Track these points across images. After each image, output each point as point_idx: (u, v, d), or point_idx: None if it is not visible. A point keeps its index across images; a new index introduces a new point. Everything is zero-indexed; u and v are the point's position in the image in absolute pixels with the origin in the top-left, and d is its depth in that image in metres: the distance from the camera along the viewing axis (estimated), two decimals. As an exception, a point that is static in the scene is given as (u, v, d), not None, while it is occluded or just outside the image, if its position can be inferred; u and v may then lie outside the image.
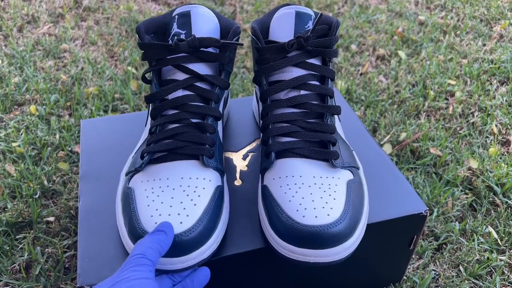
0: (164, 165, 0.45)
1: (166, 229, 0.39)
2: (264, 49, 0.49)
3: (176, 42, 0.47)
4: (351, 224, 0.41)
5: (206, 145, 0.46)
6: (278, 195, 0.44)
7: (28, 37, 1.11)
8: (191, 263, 0.41)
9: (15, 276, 0.60)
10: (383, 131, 0.84)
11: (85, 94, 0.91)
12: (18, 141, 0.79)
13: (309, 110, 0.47)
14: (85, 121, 0.63)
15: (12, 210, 0.67)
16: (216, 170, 0.47)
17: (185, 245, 0.40)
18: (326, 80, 0.49)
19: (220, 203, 0.45)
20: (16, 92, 0.92)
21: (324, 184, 0.44)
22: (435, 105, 0.91)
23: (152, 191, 0.43)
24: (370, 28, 1.18)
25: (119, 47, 1.08)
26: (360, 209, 0.44)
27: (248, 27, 1.17)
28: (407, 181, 0.53)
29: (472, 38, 1.14)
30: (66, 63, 1.02)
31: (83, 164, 0.56)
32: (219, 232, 0.44)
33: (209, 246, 0.42)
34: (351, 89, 0.95)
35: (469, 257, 0.63)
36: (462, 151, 0.80)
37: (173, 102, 0.47)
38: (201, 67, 0.49)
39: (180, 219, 0.40)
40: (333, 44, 0.48)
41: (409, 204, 0.50)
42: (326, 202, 0.42)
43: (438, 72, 1.01)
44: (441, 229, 0.67)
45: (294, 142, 0.46)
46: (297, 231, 0.40)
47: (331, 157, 0.45)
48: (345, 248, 0.41)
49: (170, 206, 0.42)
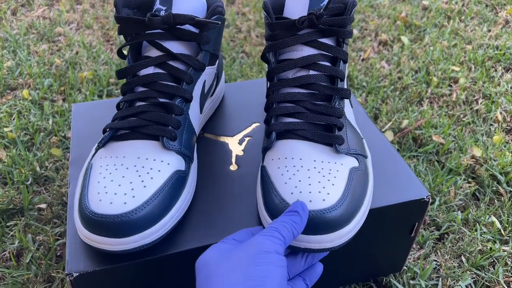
0: (124, 143, 0.44)
1: (300, 209, 0.38)
2: (274, 25, 0.47)
3: (149, 17, 0.45)
4: (348, 212, 0.40)
5: (169, 126, 0.44)
6: (275, 176, 0.42)
7: (22, 20, 1.09)
8: (131, 246, 0.39)
9: (6, 264, 0.58)
10: (385, 118, 0.82)
11: (80, 78, 0.89)
12: (10, 126, 0.77)
13: (316, 91, 0.45)
14: (77, 105, 0.61)
15: (3, 197, 0.65)
16: (179, 154, 0.45)
17: (124, 227, 0.38)
18: (338, 62, 0.46)
19: (177, 188, 0.43)
20: (9, 76, 0.89)
21: (325, 169, 0.42)
22: (438, 92, 0.89)
23: (106, 168, 0.42)
24: (372, 13, 1.15)
25: (114, 31, 1.05)
26: (361, 198, 0.42)
27: (247, 10, 1.15)
28: (408, 167, 0.51)
29: (477, 24, 1.11)
30: (61, 47, 1.00)
31: (74, 149, 0.54)
32: (170, 219, 0.42)
33: (154, 231, 0.40)
34: (352, 75, 0.92)
35: (471, 247, 0.61)
36: (465, 139, 0.78)
37: (143, 79, 0.45)
38: (177, 45, 0.47)
39: (125, 199, 0.39)
40: (347, 23, 0.46)
41: (411, 190, 0.49)
42: (323, 187, 0.40)
43: (441, 58, 0.98)
44: (443, 218, 0.65)
45: (298, 124, 0.44)
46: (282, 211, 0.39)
47: (336, 141, 0.43)
48: (339, 235, 0.39)
49: (119, 185, 0.40)
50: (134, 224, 0.38)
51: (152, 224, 0.40)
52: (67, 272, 0.40)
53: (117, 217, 0.38)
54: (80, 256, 0.41)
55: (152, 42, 0.47)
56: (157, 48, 0.46)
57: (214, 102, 0.60)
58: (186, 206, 0.45)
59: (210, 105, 0.58)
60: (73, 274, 0.40)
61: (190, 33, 0.47)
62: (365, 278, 0.57)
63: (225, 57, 0.98)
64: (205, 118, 0.58)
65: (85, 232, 0.39)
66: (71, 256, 0.41)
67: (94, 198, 0.39)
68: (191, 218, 0.45)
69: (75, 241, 0.43)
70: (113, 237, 0.38)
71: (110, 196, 0.39)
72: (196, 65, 0.47)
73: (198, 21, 0.45)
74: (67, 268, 0.41)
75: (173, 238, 0.43)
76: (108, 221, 0.38)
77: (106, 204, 0.39)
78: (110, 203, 0.38)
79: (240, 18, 1.12)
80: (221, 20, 0.50)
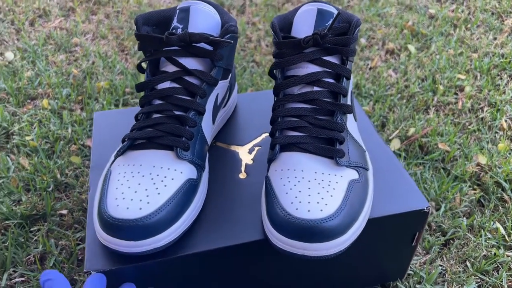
0: (141, 152, 0.47)
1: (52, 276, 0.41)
2: (281, 44, 0.49)
3: (167, 35, 0.48)
4: (345, 222, 0.42)
5: (182, 137, 0.47)
6: (277, 186, 0.45)
7: (40, 31, 1.12)
8: (145, 248, 0.42)
9: (30, 267, 0.62)
10: (392, 126, 0.84)
11: (96, 88, 0.92)
12: (32, 135, 0.81)
13: (319, 107, 0.48)
14: (98, 113, 0.65)
15: (27, 203, 0.69)
16: (191, 163, 0.48)
17: (139, 230, 0.41)
18: (341, 79, 0.49)
19: (189, 196, 0.46)
20: (29, 86, 0.93)
21: (325, 180, 0.44)
22: (444, 100, 0.91)
23: (124, 175, 0.45)
24: (379, 22, 1.18)
25: (129, 41, 1.09)
26: (359, 209, 0.44)
27: (257, 20, 1.18)
28: (410, 178, 0.53)
29: (483, 32, 1.13)
30: (77, 57, 1.03)
31: (94, 155, 0.57)
32: (181, 224, 0.45)
33: (167, 236, 0.43)
34: (360, 84, 0.95)
35: (476, 252, 0.63)
36: (471, 146, 0.80)
37: (160, 92, 0.49)
38: (192, 61, 0.50)
39: (140, 205, 0.42)
40: (350, 42, 0.48)
41: (411, 200, 0.50)
42: (322, 198, 0.42)
43: (447, 66, 1.00)
44: (448, 224, 0.67)
45: (301, 137, 0.47)
46: (289, 222, 0.41)
47: (336, 155, 0.46)
48: (336, 244, 0.41)
49: (135, 191, 0.43)
50: (148, 229, 0.42)
51: (165, 228, 0.43)
52: (85, 270, 0.44)
53: (133, 221, 0.41)
54: (98, 256, 0.45)
55: (169, 58, 0.50)
56: (174, 64, 0.50)
57: (227, 113, 0.63)
58: (197, 212, 0.48)
59: (222, 115, 0.61)
60: (91, 272, 0.44)
61: (205, 51, 0.50)
62: (370, 284, 0.59)
63: (236, 66, 1.01)
64: (218, 128, 0.61)
65: (103, 234, 0.42)
66: (90, 255, 0.45)
67: (112, 203, 0.42)
68: (200, 223, 0.48)
69: (94, 242, 0.46)
70: (129, 240, 0.41)
71: (127, 201, 0.42)
72: (209, 81, 0.50)
73: (212, 40, 0.49)
74: (86, 266, 0.44)
75: (183, 242, 0.46)
76: (125, 225, 0.41)
77: (123, 209, 0.42)
78: (127, 208, 0.42)
79: (250, 28, 1.15)
80: (233, 39, 0.53)
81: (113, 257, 0.45)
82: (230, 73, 0.58)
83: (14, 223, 0.66)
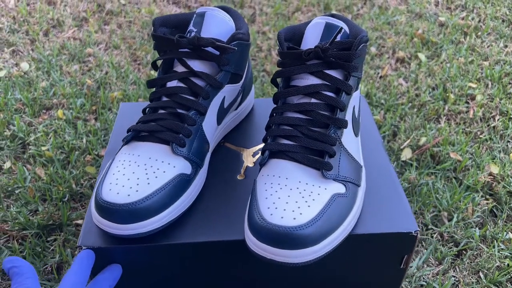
0: (142, 144, 0.50)
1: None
2: (284, 54, 0.51)
3: (177, 38, 0.51)
4: (318, 233, 0.42)
5: (180, 134, 0.50)
6: (260, 190, 0.46)
7: (54, 41, 1.14)
8: (129, 232, 0.46)
9: (47, 276, 0.63)
10: (403, 135, 0.85)
11: (110, 98, 0.94)
12: (47, 145, 0.82)
13: (314, 118, 0.49)
14: (124, 104, 0.69)
15: (43, 213, 0.70)
16: (186, 160, 0.50)
17: (125, 215, 0.45)
18: (341, 93, 0.49)
19: (179, 189, 0.49)
20: (44, 96, 0.95)
21: (307, 190, 0.45)
22: (455, 109, 0.91)
23: (122, 163, 0.49)
24: (389, 30, 1.18)
25: (141, 51, 1.10)
26: (338, 223, 0.45)
27: (267, 29, 1.19)
28: (406, 199, 0.52)
29: (494, 40, 1.13)
30: (91, 67, 1.05)
31: (111, 142, 0.61)
32: (167, 215, 0.47)
33: (150, 223, 0.46)
34: (370, 93, 0.95)
35: (489, 263, 0.63)
36: (482, 156, 0.80)
37: (167, 90, 0.52)
38: (199, 64, 0.53)
39: (129, 192, 0.45)
40: (352, 58, 0.49)
41: (401, 222, 0.50)
42: (298, 207, 0.43)
43: (458, 75, 1.01)
44: (461, 235, 0.67)
45: (291, 146, 0.48)
46: (262, 227, 0.42)
47: (323, 167, 0.46)
48: (306, 253, 0.42)
49: (128, 179, 0.47)
50: (133, 214, 0.45)
51: (149, 216, 0.46)
52: (78, 244, 0.48)
53: (120, 206, 0.44)
54: (92, 234, 0.49)
55: (179, 59, 0.53)
56: (183, 65, 0.53)
57: (239, 116, 0.65)
58: (187, 205, 0.51)
59: (234, 118, 0.63)
60: (82, 247, 0.48)
61: (212, 55, 0.53)
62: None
63: (247, 75, 1.02)
64: (227, 129, 0.63)
65: (95, 214, 0.46)
66: (84, 232, 0.49)
67: (106, 187, 0.46)
68: (189, 217, 0.51)
69: (90, 222, 0.49)
70: (116, 222, 0.45)
71: (119, 187, 0.46)
72: (213, 83, 0.53)
73: (218, 45, 0.51)
74: (79, 242, 0.48)
75: (171, 232, 0.49)
76: (113, 208, 0.45)
77: (114, 193, 0.45)
78: (117, 193, 0.45)
79: (260, 37, 1.16)
80: (241, 46, 0.55)
81: (104, 237, 0.48)
82: (241, 78, 0.60)
83: (31, 233, 0.67)
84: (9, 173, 0.78)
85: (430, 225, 0.69)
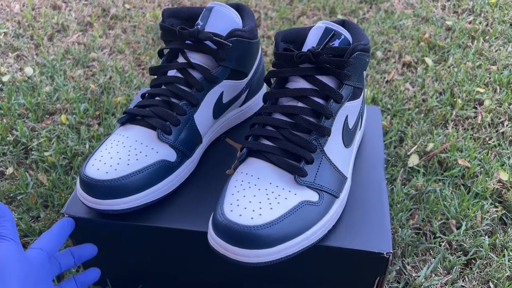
0: (133, 127, 0.52)
1: None
2: (278, 55, 0.51)
3: (179, 30, 0.53)
4: (274, 237, 0.41)
5: (167, 122, 0.52)
6: (230, 186, 0.46)
7: (58, 46, 1.14)
8: (103, 207, 0.48)
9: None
10: (410, 141, 0.83)
11: (114, 103, 0.93)
12: (50, 151, 0.82)
13: (298, 123, 0.48)
14: (144, 90, 0.70)
15: (45, 220, 0.69)
16: (172, 147, 0.52)
17: (101, 191, 0.47)
18: (329, 100, 0.49)
19: (159, 175, 0.50)
20: (47, 101, 0.94)
21: (274, 193, 0.44)
22: (463, 114, 0.90)
23: (111, 143, 0.51)
24: (396, 34, 1.17)
25: (145, 56, 1.10)
26: (299, 231, 0.43)
27: (272, 34, 1.18)
28: (389, 219, 0.50)
29: (502, 44, 1.12)
30: (95, 72, 1.05)
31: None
32: (142, 197, 0.49)
33: (123, 202, 0.48)
34: (377, 98, 0.94)
35: (499, 273, 0.62)
36: (491, 162, 0.79)
37: (166, 78, 0.54)
38: (199, 57, 0.54)
39: (108, 169, 0.48)
40: (345, 66, 0.48)
41: (376, 242, 0.48)
42: (260, 208, 0.43)
43: (466, 79, 0.99)
44: (470, 243, 0.66)
45: (270, 147, 0.47)
46: (219, 221, 0.42)
47: (296, 172, 0.46)
48: (257, 254, 0.41)
49: (111, 158, 0.49)
50: (108, 191, 0.47)
51: (123, 195, 0.48)
52: (62, 212, 0.51)
53: (96, 181, 0.47)
54: (76, 205, 0.52)
55: (180, 50, 0.55)
56: (183, 56, 0.55)
57: (244, 113, 0.65)
58: (166, 192, 0.52)
59: (237, 114, 0.64)
60: (64, 214, 0.51)
61: (210, 49, 0.54)
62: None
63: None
64: (230, 124, 0.63)
65: (78, 188, 0.49)
66: (70, 203, 0.52)
67: (90, 163, 0.49)
68: (170, 203, 0.52)
69: (76, 195, 0.52)
70: (92, 197, 0.47)
71: (100, 164, 0.48)
72: (207, 77, 0.54)
73: (214, 40, 0.52)
74: (63, 210, 0.51)
75: (146, 214, 0.51)
76: (90, 183, 0.47)
77: (95, 170, 0.48)
78: (97, 169, 0.48)
79: (265, 42, 1.15)
80: (239, 43, 0.55)
81: (87, 210, 0.51)
82: (246, 76, 0.60)
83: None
84: (11, 178, 0.77)
85: (438, 233, 0.67)
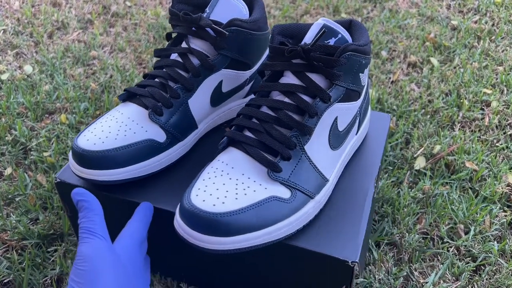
0: (130, 104, 0.54)
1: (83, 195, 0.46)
2: (272, 48, 0.50)
3: (182, 15, 0.54)
4: (232, 226, 0.41)
5: (159, 103, 0.53)
6: (203, 172, 0.47)
7: (58, 43, 1.12)
8: (87, 176, 0.50)
9: (47, 289, 0.60)
10: (416, 143, 0.82)
11: (114, 102, 0.91)
12: (49, 151, 0.80)
13: (281, 118, 0.48)
14: None
15: (44, 222, 0.68)
16: (162, 129, 0.53)
17: (85, 160, 0.49)
18: (316, 99, 0.48)
19: (145, 153, 0.52)
20: (47, 100, 0.93)
21: (244, 184, 0.44)
22: (470, 116, 0.88)
23: (107, 117, 0.53)
24: (400, 34, 1.15)
25: (147, 54, 1.08)
26: (262, 225, 0.43)
27: (275, 33, 1.16)
28: (364, 229, 0.49)
29: (508, 44, 1.10)
30: (95, 70, 1.03)
31: None
32: (124, 172, 0.51)
33: (104, 174, 0.50)
34: (382, 98, 0.92)
35: (509, 280, 0.60)
36: (499, 165, 0.77)
37: (167, 61, 0.56)
38: (200, 43, 0.56)
39: (96, 141, 0.50)
40: (334, 65, 0.47)
41: (344, 248, 0.46)
42: (225, 196, 0.43)
43: (472, 80, 0.97)
44: (478, 249, 0.64)
45: (250, 139, 0.47)
46: (183, 205, 0.43)
47: (270, 167, 0.45)
48: (212, 241, 0.41)
49: (102, 131, 0.51)
50: (91, 161, 0.49)
51: (105, 168, 0.50)
52: (55, 176, 0.54)
53: (82, 151, 0.50)
54: (69, 172, 0.53)
55: (184, 36, 0.56)
56: (185, 41, 0.56)
57: None
58: (151, 170, 0.53)
59: (240, 105, 0.64)
60: (56, 178, 0.54)
61: (209, 36, 0.55)
62: None
63: (255, 80, 0.99)
64: (230, 114, 0.63)
65: (70, 156, 0.52)
66: (64, 170, 0.55)
67: (82, 134, 0.52)
68: (156, 182, 0.54)
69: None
70: (79, 165, 0.50)
71: (91, 135, 0.51)
72: (205, 63, 0.55)
73: (212, 28, 0.54)
74: (57, 174, 0.54)
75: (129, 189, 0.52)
76: (78, 152, 0.50)
77: (84, 140, 0.50)
78: (87, 140, 0.50)
79: (268, 40, 1.13)
80: (242, 34, 0.55)
81: (77, 178, 0.53)
82: (249, 67, 0.60)
83: (31, 243, 0.65)
84: (9, 179, 0.76)
85: (446, 238, 0.66)
